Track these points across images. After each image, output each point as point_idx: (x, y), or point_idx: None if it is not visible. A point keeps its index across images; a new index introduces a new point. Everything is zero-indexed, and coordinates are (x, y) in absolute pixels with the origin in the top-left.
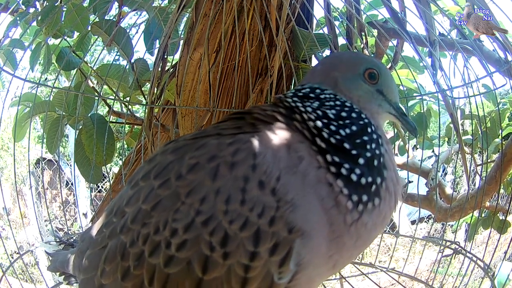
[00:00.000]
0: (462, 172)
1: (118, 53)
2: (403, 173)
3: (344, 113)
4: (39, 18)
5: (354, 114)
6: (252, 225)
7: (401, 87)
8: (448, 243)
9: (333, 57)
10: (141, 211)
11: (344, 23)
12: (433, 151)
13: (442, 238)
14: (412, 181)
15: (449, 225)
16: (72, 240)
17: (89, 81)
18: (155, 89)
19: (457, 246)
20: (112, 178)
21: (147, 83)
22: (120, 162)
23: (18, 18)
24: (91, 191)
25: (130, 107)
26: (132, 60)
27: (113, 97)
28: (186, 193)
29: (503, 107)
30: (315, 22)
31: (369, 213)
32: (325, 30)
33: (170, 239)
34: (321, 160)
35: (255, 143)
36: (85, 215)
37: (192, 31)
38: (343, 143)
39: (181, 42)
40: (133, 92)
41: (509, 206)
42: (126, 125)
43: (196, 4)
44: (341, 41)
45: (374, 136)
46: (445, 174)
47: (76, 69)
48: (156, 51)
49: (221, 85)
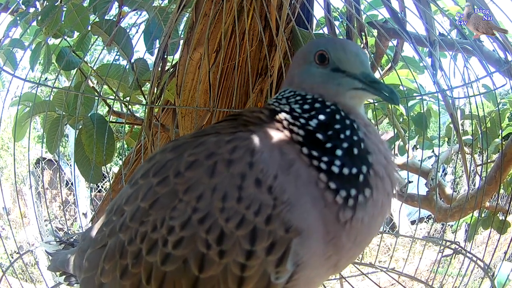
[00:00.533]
0: (462, 172)
1: (118, 53)
2: (403, 173)
3: (307, 106)
4: (39, 18)
5: (317, 104)
6: (248, 223)
7: (401, 87)
8: (448, 243)
9: (295, 55)
10: (139, 209)
11: (344, 23)
12: (433, 151)
13: (442, 238)
14: (412, 181)
15: (449, 225)
16: (72, 239)
17: (89, 81)
18: (155, 89)
19: (457, 246)
20: (112, 178)
21: (147, 83)
22: (120, 162)
23: (18, 18)
24: (91, 191)
25: (130, 107)
26: (132, 60)
27: (113, 97)
28: (184, 190)
29: (503, 107)
30: (315, 22)
31: (363, 207)
32: (325, 30)
33: (167, 237)
34: (306, 159)
35: (253, 141)
36: (85, 215)
37: (192, 31)
38: (315, 134)
39: (181, 42)
40: (133, 92)
41: (509, 206)
42: (126, 125)
43: (196, 4)
44: None
45: (347, 121)
46: (445, 174)
47: (76, 69)
48: (156, 51)
49: (221, 85)
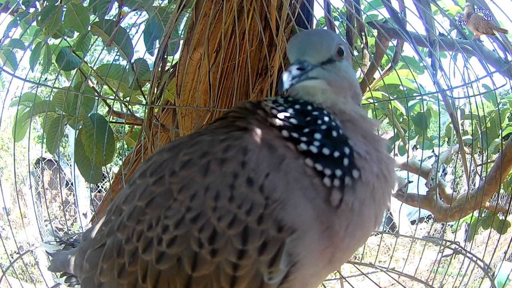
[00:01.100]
0: (462, 172)
1: (118, 53)
2: (403, 173)
3: (290, 99)
4: (39, 18)
5: (290, 98)
6: (240, 223)
7: (401, 87)
8: (448, 243)
9: None
10: (136, 208)
11: (344, 23)
12: (433, 151)
13: (442, 238)
14: (412, 181)
15: (449, 225)
16: (72, 240)
17: (89, 81)
18: (155, 89)
19: (457, 246)
20: (112, 178)
21: (147, 83)
22: (120, 162)
23: (18, 18)
24: (91, 191)
25: (130, 107)
26: (132, 60)
27: (113, 97)
28: (178, 189)
29: (503, 107)
30: (315, 22)
31: (352, 190)
32: None
33: (162, 236)
34: (292, 146)
35: (246, 140)
36: (85, 215)
37: (192, 31)
38: (290, 118)
39: (181, 42)
40: (133, 92)
41: (509, 206)
42: (126, 125)
43: (196, 4)
44: None
45: (325, 111)
46: (445, 174)
47: (76, 69)
48: (156, 51)
49: (221, 85)
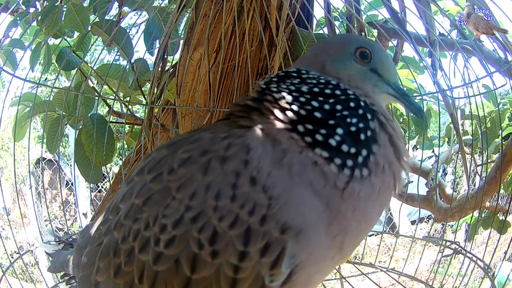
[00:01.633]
0: (462, 172)
1: (118, 53)
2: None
3: (328, 90)
4: (39, 18)
5: (338, 91)
6: (242, 223)
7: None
8: (448, 243)
9: (323, 42)
10: (133, 206)
11: (344, 23)
12: (433, 151)
13: (442, 238)
14: (412, 181)
15: (449, 225)
16: (72, 239)
17: (89, 81)
18: (155, 89)
19: (457, 246)
20: (112, 178)
21: (147, 83)
22: (120, 162)
23: (18, 18)
24: (91, 191)
25: (130, 107)
26: (132, 60)
27: (113, 97)
28: (177, 187)
29: (503, 107)
30: (315, 22)
31: (359, 181)
32: (325, 30)
33: (159, 235)
34: (300, 140)
35: (248, 137)
36: (85, 215)
37: (192, 31)
38: (313, 112)
39: (181, 42)
40: (133, 92)
41: (509, 206)
42: (126, 125)
43: (196, 4)
44: None
45: (360, 111)
46: (445, 174)
47: (76, 69)
48: (156, 51)
49: (221, 85)
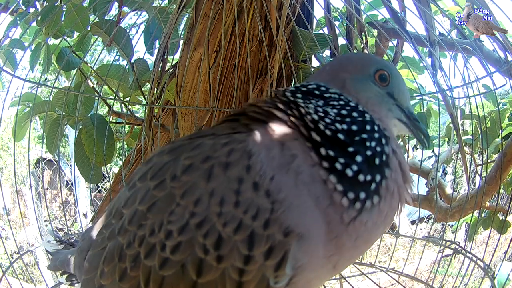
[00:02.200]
0: (462, 172)
1: (118, 53)
2: None
3: (345, 111)
4: (39, 18)
5: (355, 113)
6: (246, 228)
7: None
8: (448, 243)
9: (342, 58)
10: (137, 212)
11: (344, 23)
12: (433, 151)
13: (442, 238)
14: (412, 181)
15: (449, 225)
16: (73, 240)
17: (89, 81)
18: (155, 89)
19: (457, 246)
20: (112, 178)
21: (147, 83)
22: (120, 162)
23: (18, 18)
24: (91, 191)
25: (130, 107)
26: (132, 60)
27: (113, 97)
28: (181, 194)
29: (503, 107)
30: (315, 22)
31: (368, 212)
32: (325, 30)
33: (165, 242)
34: (315, 157)
35: (250, 142)
36: (85, 215)
37: (192, 31)
38: (337, 133)
39: (181, 42)
40: (133, 92)
41: (509, 206)
42: (126, 125)
43: (196, 4)
44: (341, 41)
45: (376, 135)
46: (445, 174)
47: (76, 69)
48: (156, 51)
49: (221, 85)
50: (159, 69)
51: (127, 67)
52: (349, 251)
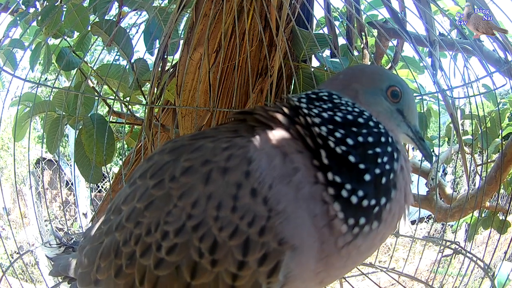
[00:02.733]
0: (462, 172)
1: (118, 53)
2: None
3: (361, 119)
4: (39, 18)
5: (371, 123)
6: (241, 234)
7: None
8: (448, 243)
9: (356, 68)
10: (135, 209)
11: (344, 23)
12: (433, 151)
13: (442, 238)
14: (412, 181)
15: (449, 225)
16: (72, 241)
17: (89, 81)
18: (155, 89)
19: (457, 246)
20: (112, 178)
21: (147, 83)
22: (120, 162)
23: (18, 18)
24: (91, 191)
25: (130, 107)
26: (132, 60)
27: (113, 97)
28: (179, 195)
29: (503, 107)
30: (315, 22)
31: (365, 236)
32: (325, 30)
33: (161, 242)
34: (320, 177)
35: (251, 149)
36: (85, 215)
37: (192, 31)
38: (348, 155)
39: (181, 42)
40: (133, 92)
41: (509, 206)
42: (126, 125)
43: (196, 4)
44: (341, 41)
45: (389, 149)
46: (445, 174)
47: (76, 69)
48: (156, 51)
49: (221, 85)
50: (159, 69)
51: (127, 67)
52: (337, 270)
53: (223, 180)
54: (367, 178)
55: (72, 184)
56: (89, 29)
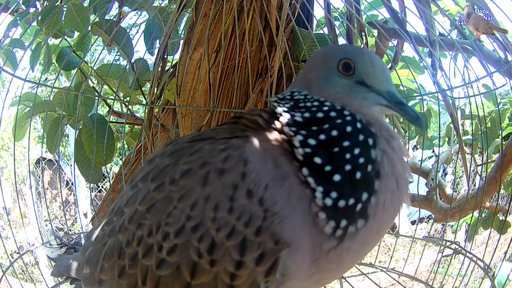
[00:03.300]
0: (462, 172)
1: (118, 53)
2: None
3: (321, 114)
4: (39, 18)
5: (333, 113)
6: (238, 234)
7: (401, 87)
8: (448, 243)
9: (311, 57)
10: (137, 212)
11: (344, 23)
12: (433, 151)
13: (442, 238)
14: (412, 181)
15: (449, 225)
16: (73, 242)
17: (89, 81)
18: (155, 89)
19: (457, 246)
20: (112, 178)
21: (147, 83)
22: (120, 162)
23: (18, 18)
24: (91, 191)
25: (130, 107)
26: (132, 60)
27: (113, 97)
28: (178, 198)
29: (503, 107)
30: (315, 22)
31: (352, 237)
32: (325, 30)
33: (162, 243)
34: (302, 176)
35: (247, 150)
36: (85, 215)
37: (192, 31)
38: (314, 156)
39: (181, 42)
40: (133, 92)
41: (509, 206)
42: (126, 125)
43: (196, 4)
44: (341, 41)
45: (361, 137)
46: (445, 174)
47: (76, 69)
48: (156, 51)
49: (221, 85)
50: (159, 69)
51: (127, 67)
52: (330, 272)
53: (220, 181)
54: (337, 178)
55: (72, 184)
56: (89, 29)
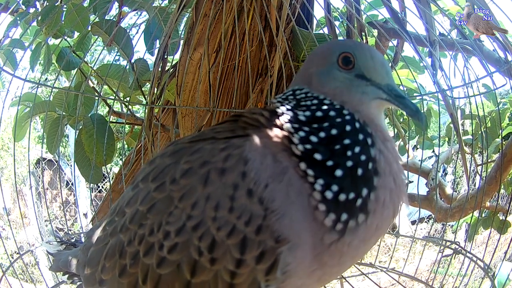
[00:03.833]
0: (462, 172)
1: (118, 53)
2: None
3: (320, 113)
4: (39, 18)
5: (332, 112)
6: (239, 233)
7: (401, 87)
8: (448, 243)
9: (311, 53)
10: (138, 212)
11: (344, 23)
12: (433, 151)
13: (442, 238)
14: (412, 181)
15: (449, 225)
16: (73, 240)
17: (89, 81)
18: (155, 89)
19: (457, 246)
20: (112, 178)
21: (147, 83)
22: (120, 162)
23: (18, 18)
24: (91, 191)
25: (130, 107)
26: (132, 60)
27: (113, 97)
28: (179, 197)
29: (503, 107)
30: (315, 22)
31: (353, 232)
32: (325, 30)
33: (163, 242)
34: (300, 171)
35: (246, 149)
36: (85, 215)
37: (192, 31)
38: (314, 153)
39: (181, 42)
40: (133, 92)
41: (509, 206)
42: (126, 125)
43: (196, 4)
44: None
45: (360, 136)
46: (445, 174)
47: (76, 69)
48: (156, 51)
49: (221, 85)
50: (159, 69)
51: (127, 67)
52: (332, 268)
53: (220, 181)
54: (339, 173)
55: (72, 184)
56: (89, 29)
